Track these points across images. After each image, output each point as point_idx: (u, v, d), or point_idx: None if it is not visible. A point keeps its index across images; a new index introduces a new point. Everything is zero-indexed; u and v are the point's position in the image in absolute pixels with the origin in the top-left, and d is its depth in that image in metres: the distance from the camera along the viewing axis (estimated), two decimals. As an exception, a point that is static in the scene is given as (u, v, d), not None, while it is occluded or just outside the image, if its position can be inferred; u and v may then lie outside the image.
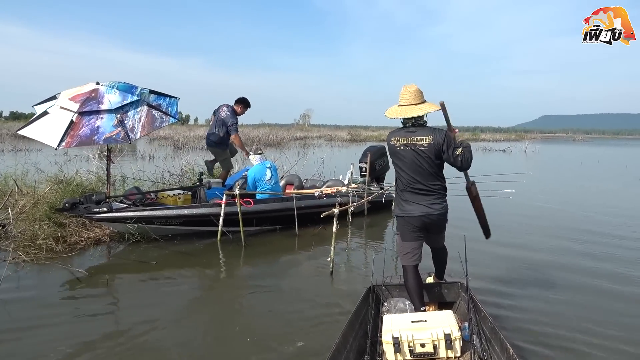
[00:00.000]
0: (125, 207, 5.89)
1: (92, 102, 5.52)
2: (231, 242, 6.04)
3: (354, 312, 3.12)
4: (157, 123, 5.69)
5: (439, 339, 2.64)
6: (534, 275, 4.92)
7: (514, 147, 34.36)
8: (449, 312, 2.93)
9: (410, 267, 3.33)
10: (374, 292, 3.48)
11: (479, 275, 4.52)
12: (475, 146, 37.73)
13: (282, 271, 5.20)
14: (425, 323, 2.74)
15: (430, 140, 3.18)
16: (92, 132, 5.32)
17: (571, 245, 6.25)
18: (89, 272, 4.69)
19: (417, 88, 3.32)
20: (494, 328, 2.82)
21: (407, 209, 3.30)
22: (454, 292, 3.55)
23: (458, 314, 3.25)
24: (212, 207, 6.12)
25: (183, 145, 27.34)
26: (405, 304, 3.39)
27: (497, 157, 26.84)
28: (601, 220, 8.07)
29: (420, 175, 3.23)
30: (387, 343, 2.66)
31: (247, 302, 4.27)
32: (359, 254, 5.92)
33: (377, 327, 2.93)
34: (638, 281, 4.77)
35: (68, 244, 5.60)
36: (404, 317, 2.92)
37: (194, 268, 5.19)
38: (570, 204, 9.81)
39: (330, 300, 4.18)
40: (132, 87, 5.90)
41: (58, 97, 5.76)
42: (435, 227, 3.40)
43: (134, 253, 5.55)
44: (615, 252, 5.87)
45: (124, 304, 4.18)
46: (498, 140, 51.61)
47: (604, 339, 3.47)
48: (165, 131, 42.65)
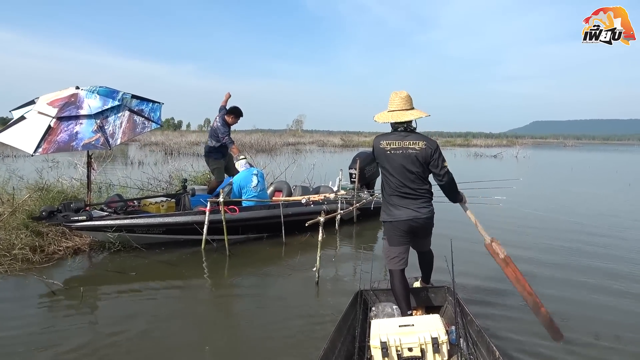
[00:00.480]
0: (106, 216, 5.72)
1: (71, 107, 5.35)
2: (215, 251, 5.87)
3: (342, 317, 3.14)
4: (139, 129, 5.52)
5: (426, 342, 2.65)
6: None
7: (505, 152, 34.45)
8: (436, 316, 2.95)
9: (397, 271, 3.37)
10: (361, 297, 3.50)
11: (465, 280, 4.52)
12: (467, 152, 38.09)
13: (266, 282, 5.05)
14: (413, 327, 2.77)
15: (423, 145, 3.24)
16: (70, 138, 5.15)
17: (558, 252, 6.17)
18: (64, 284, 4.49)
19: (408, 94, 3.36)
20: (480, 331, 2.86)
21: (395, 213, 3.32)
22: (441, 296, 3.59)
23: (445, 318, 3.29)
24: (195, 214, 5.96)
25: (174, 151, 27.17)
26: (392, 308, 3.41)
27: (488, 162, 26.84)
28: (590, 226, 8.00)
29: (408, 179, 3.26)
30: (375, 347, 2.67)
31: (229, 315, 4.12)
32: (347, 263, 5.78)
33: (365, 331, 2.95)
34: (622, 290, 4.71)
35: (46, 254, 5.41)
36: (391, 321, 2.94)
37: (175, 278, 5.00)
38: (559, 211, 9.64)
39: (315, 312, 4.04)
40: (113, 91, 5.74)
41: (36, 101, 5.58)
42: (422, 231, 3.45)
43: (114, 263, 5.36)
44: (603, 261, 5.78)
45: (97, 318, 3.99)
46: (489, 145, 51.75)
47: (588, 345, 3.47)
48: (156, 137, 42.47)
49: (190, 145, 31.75)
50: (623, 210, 10.19)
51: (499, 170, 21.09)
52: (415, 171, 3.25)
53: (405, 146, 3.24)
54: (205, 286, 4.92)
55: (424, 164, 3.25)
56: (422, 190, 3.33)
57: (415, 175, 3.26)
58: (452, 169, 3.45)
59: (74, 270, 5.09)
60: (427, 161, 3.25)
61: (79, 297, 4.23)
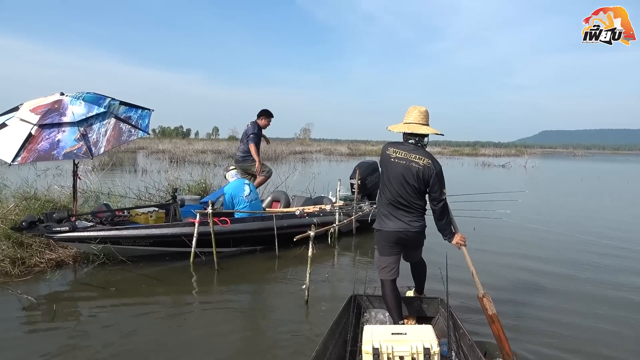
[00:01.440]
0: (90, 226, 5.49)
1: (53, 114, 5.13)
2: (204, 265, 5.60)
3: (334, 321, 3.17)
4: (125, 137, 5.29)
5: (418, 352, 2.62)
6: (516, 297, 4.75)
7: (513, 162, 33.90)
8: (428, 327, 2.89)
9: (388, 281, 3.38)
10: (355, 301, 3.51)
11: (459, 292, 4.40)
12: (475, 161, 37.57)
13: (254, 300, 4.78)
14: (406, 336, 2.74)
15: (427, 163, 3.26)
16: (51, 147, 4.92)
17: (558, 268, 5.90)
18: (37, 299, 4.24)
19: (426, 110, 3.42)
20: (473, 346, 2.84)
21: (387, 223, 3.35)
22: (434, 308, 3.60)
23: (437, 329, 3.21)
24: (184, 226, 5.70)
25: (179, 160, 26.97)
26: (385, 315, 3.44)
27: (496, 172, 26.35)
28: (597, 243, 7.56)
29: (405, 191, 3.28)
30: (366, 353, 2.64)
31: (211, 335, 3.83)
32: (342, 280, 5.46)
33: (357, 336, 2.94)
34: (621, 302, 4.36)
35: (27, 266, 5.18)
36: (384, 328, 2.90)
37: (158, 294, 4.74)
38: (565, 225, 9.10)
39: (302, 334, 3.74)
40: (99, 98, 5.52)
41: (20, 107, 5.37)
42: (412, 244, 3.48)
43: (96, 277, 5.11)
44: (612, 276, 5.44)
45: (69, 337, 3.70)
46: (498, 155, 51.05)
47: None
48: (164, 145, 42.43)
49: (197, 154, 31.50)
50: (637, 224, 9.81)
51: (506, 180, 20.66)
52: (412, 185, 3.26)
53: (411, 159, 3.28)
54: (189, 303, 4.62)
55: (423, 181, 3.26)
56: (417, 205, 3.34)
57: (412, 188, 3.27)
58: (459, 178, 3.27)
59: (52, 284, 4.83)
60: (426, 180, 3.26)
61: (51, 314, 3.98)
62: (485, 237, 7.19)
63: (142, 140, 64.10)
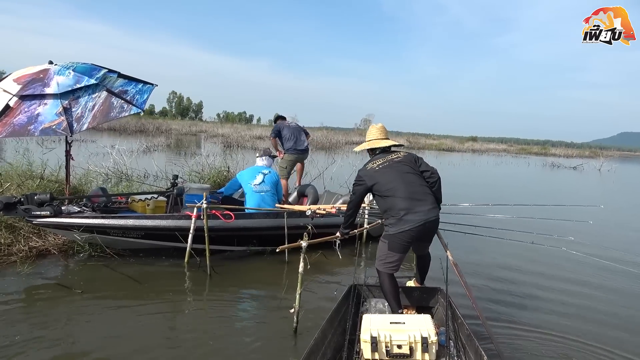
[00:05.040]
0: (77, 212, 4.89)
1: (37, 84, 4.53)
2: (199, 268, 4.84)
3: (334, 309, 3.19)
4: (115, 113, 4.60)
5: (416, 341, 2.63)
6: (518, 290, 4.67)
7: (586, 164, 30.65)
8: (427, 316, 2.88)
9: (386, 273, 3.36)
10: (354, 290, 3.50)
11: (459, 282, 3.69)
12: (543, 161, 34.64)
13: (240, 321, 3.88)
14: (404, 325, 2.73)
15: (404, 154, 3.58)
16: (29, 121, 4.32)
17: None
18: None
19: (382, 125, 3.79)
20: (470, 335, 2.85)
21: (405, 222, 3.26)
22: (434, 298, 3.59)
23: (436, 319, 3.30)
24: (179, 219, 4.98)
25: (233, 144, 26.67)
26: (384, 305, 3.42)
27: (565, 175, 23.90)
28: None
29: (408, 181, 3.36)
30: (365, 342, 2.65)
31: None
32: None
33: (356, 325, 2.90)
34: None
35: (5, 254, 4.67)
36: (383, 317, 2.90)
37: (129, 302, 4.00)
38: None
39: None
40: (94, 69, 4.87)
41: (6, 78, 4.84)
42: (428, 236, 3.50)
43: (70, 274, 4.50)
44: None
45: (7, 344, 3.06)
46: (569, 156, 47.03)
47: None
48: (224, 129, 42.77)
49: (254, 139, 31.14)
50: None
51: (576, 186, 18.51)
52: (409, 172, 3.41)
53: (390, 158, 3.51)
54: (162, 318, 3.79)
55: (412, 164, 3.48)
56: (425, 187, 3.42)
57: (412, 175, 3.40)
58: (518, 180, 2.34)
59: (16, 278, 4.22)
60: (413, 162, 3.49)
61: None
62: (532, 275, 5.31)
63: (203, 123, 65.85)
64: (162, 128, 37.86)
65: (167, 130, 37.42)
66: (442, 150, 43.16)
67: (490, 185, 15.95)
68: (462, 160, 29.30)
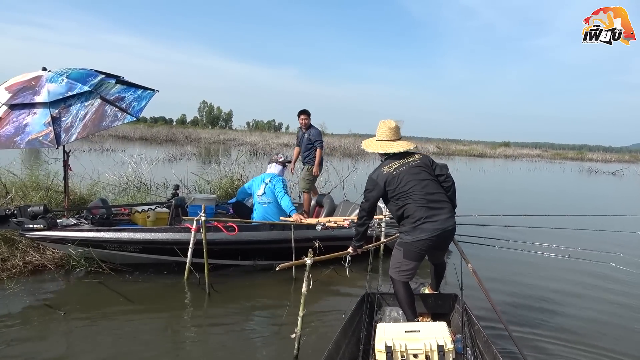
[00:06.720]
0: (72, 225, 4.65)
1: (27, 92, 4.32)
2: (198, 285, 4.52)
3: (347, 319, 3.11)
4: (107, 121, 4.34)
5: (432, 350, 2.55)
6: (534, 294, 4.52)
7: (626, 169, 29.02)
8: (442, 324, 2.79)
9: (401, 282, 3.25)
10: (368, 299, 3.37)
11: (475, 287, 3.60)
12: (580, 166, 33.08)
13: (236, 348, 3.53)
14: (419, 333, 2.66)
15: (419, 157, 3.36)
16: (16, 132, 4.11)
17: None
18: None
19: (397, 124, 3.44)
20: (488, 341, 2.79)
21: (422, 230, 3.12)
22: (449, 304, 3.52)
23: (452, 326, 3.26)
24: (178, 232, 4.67)
25: (259, 152, 26.49)
26: (399, 313, 3.34)
27: (604, 181, 22.63)
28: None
29: (427, 186, 3.20)
30: (379, 352, 2.57)
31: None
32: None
33: (370, 335, 2.82)
34: None
35: (2, 270, 4.47)
36: (397, 326, 2.82)
37: (120, 325, 3.68)
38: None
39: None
40: (89, 75, 4.65)
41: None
42: (444, 244, 3.37)
43: (60, 292, 4.27)
44: None
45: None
46: (608, 161, 44.74)
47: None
48: (253, 137, 42.93)
49: (280, 147, 31.01)
50: None
51: (615, 196, 17.32)
52: (425, 177, 3.24)
53: (406, 161, 3.30)
54: (155, 342, 3.46)
55: (428, 168, 3.30)
56: (442, 193, 3.26)
57: (429, 180, 3.24)
58: (550, 187, 1.94)
59: (3, 298, 3.98)
60: (429, 166, 3.32)
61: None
62: (565, 289, 4.83)
63: (232, 131, 66.43)
64: (192, 137, 38.30)
65: (197, 139, 37.84)
66: (472, 156, 41.94)
67: (524, 192, 15.17)
68: (493, 167, 28.29)
